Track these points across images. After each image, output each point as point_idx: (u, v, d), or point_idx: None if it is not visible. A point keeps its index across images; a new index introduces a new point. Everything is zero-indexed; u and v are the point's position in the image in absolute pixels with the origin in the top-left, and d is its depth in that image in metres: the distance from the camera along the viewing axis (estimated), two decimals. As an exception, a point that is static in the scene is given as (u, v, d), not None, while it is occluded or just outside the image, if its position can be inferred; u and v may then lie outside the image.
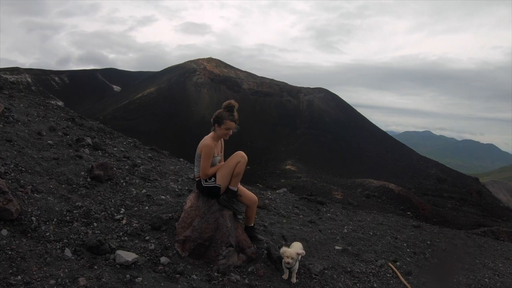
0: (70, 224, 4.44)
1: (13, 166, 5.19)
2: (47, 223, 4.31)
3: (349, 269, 5.39)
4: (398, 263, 6.04)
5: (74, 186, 5.37)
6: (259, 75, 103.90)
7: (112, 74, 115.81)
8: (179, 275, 4.10)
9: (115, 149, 8.34)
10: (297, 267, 4.65)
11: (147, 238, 4.63)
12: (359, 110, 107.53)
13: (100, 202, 5.18)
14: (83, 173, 5.82)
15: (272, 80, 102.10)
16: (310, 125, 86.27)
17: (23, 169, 5.26)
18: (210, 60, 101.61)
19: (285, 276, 4.66)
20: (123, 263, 3.91)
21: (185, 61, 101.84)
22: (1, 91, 9.94)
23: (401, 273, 5.65)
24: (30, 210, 4.36)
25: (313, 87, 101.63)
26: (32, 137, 6.81)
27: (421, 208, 36.19)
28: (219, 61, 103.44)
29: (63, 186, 5.27)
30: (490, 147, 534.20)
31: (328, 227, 7.29)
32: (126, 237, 4.52)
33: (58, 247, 3.95)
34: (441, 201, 50.87)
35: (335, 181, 47.91)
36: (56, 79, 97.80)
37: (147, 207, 5.35)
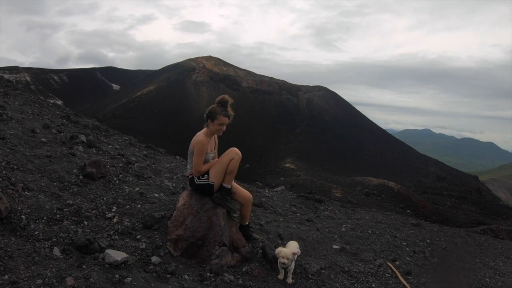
0: (60, 222, 4.33)
1: (4, 163, 5.08)
2: (37, 221, 4.20)
3: (347, 269, 5.26)
4: (397, 263, 5.91)
5: (66, 184, 5.25)
6: (258, 73, 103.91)
7: (111, 72, 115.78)
8: (170, 275, 3.98)
9: (110, 146, 8.23)
10: (293, 267, 4.52)
11: (138, 237, 4.51)
12: (359, 108, 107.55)
13: (91, 200, 5.06)
14: (75, 171, 5.70)
15: (271, 78, 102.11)
16: (309, 123, 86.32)
17: (15, 166, 5.15)
18: (209, 58, 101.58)
19: (281, 276, 4.54)
20: (112, 262, 3.80)
21: (185, 59, 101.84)
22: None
23: (400, 272, 5.53)
24: (20, 208, 4.26)
25: (313, 85, 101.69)
26: (25, 135, 6.71)
27: (420, 206, 36.20)
28: (219, 59, 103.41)
29: (55, 184, 5.15)
30: (489, 145, 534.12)
31: (325, 226, 7.17)
32: (116, 236, 4.41)
33: (46, 246, 3.85)
34: (441, 199, 50.93)
35: (335, 179, 47.93)
36: (55, 78, 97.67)
37: (139, 205, 5.22)
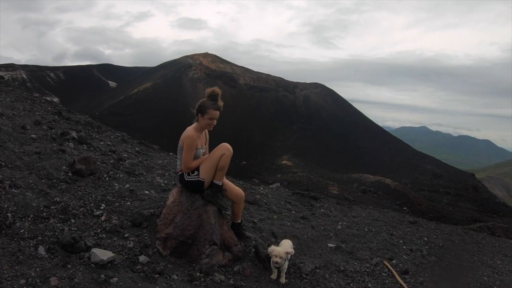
0: (46, 220, 4.20)
1: (-7, 160, 4.95)
2: (23, 219, 4.07)
3: (343, 268, 5.12)
4: (394, 261, 5.78)
5: (54, 181, 5.11)
6: (255, 71, 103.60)
7: (108, 69, 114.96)
8: (158, 275, 3.83)
9: (102, 143, 8.07)
10: (286, 266, 4.38)
11: (127, 235, 4.36)
12: (356, 105, 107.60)
13: (80, 197, 4.90)
14: (64, 168, 5.55)
15: (268, 75, 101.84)
16: (306, 121, 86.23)
17: (3, 163, 5.03)
18: (206, 55, 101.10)
19: (274, 276, 4.39)
20: (98, 262, 3.66)
21: (181, 56, 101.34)
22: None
23: (397, 272, 5.39)
24: (6, 206, 4.14)
25: (310, 83, 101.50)
26: (15, 131, 6.57)
27: (417, 203, 36.23)
28: (215, 56, 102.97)
29: (43, 181, 5.01)
30: (486, 143, 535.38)
31: (321, 224, 7.03)
32: (104, 234, 4.26)
33: (31, 244, 3.72)
34: (437, 196, 51.03)
35: (331, 176, 47.88)
36: (51, 75, 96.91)
37: (128, 203, 5.07)
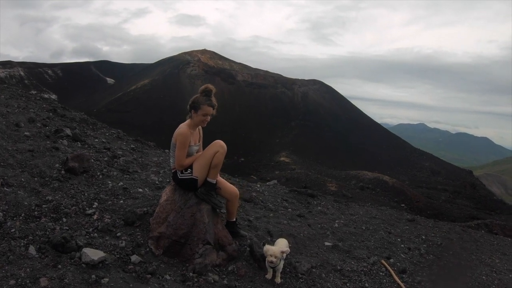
0: (37, 219, 4.11)
1: (-15, 159, 4.86)
2: (14, 218, 3.98)
3: (339, 267, 5.03)
4: (391, 260, 5.69)
5: (46, 179, 5.01)
6: (253, 67, 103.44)
7: (106, 66, 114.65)
8: (150, 275, 3.74)
9: (96, 140, 7.98)
10: (281, 266, 4.28)
11: (119, 234, 4.26)
12: (354, 102, 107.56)
13: (72, 196, 4.81)
14: (57, 165, 5.46)
15: (266, 72, 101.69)
16: (304, 117, 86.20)
17: (-5, 162, 4.93)
18: (204, 51, 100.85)
19: (269, 275, 4.30)
20: (88, 262, 3.57)
21: (179, 53, 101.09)
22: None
23: (394, 271, 5.31)
24: (-3, 204, 4.04)
25: (308, 79, 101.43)
26: (9, 129, 6.49)
27: (415, 200, 36.22)
28: (214, 52, 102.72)
29: (36, 179, 4.92)
30: (484, 140, 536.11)
31: (318, 222, 6.94)
32: (96, 234, 4.17)
33: (22, 244, 3.63)
34: (435, 193, 51.11)
35: (330, 173, 47.87)
36: (49, 72, 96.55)
37: (121, 201, 4.96)
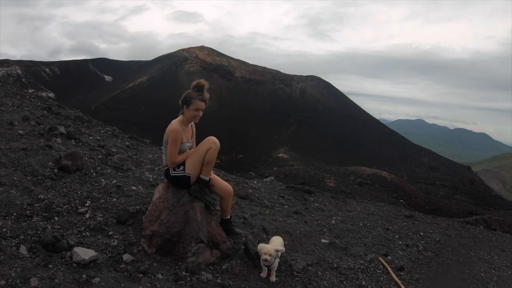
0: (29, 218, 4.04)
1: (-23, 158, 4.78)
2: (6, 218, 3.91)
3: (336, 265, 4.96)
4: (389, 257, 5.63)
5: (39, 177, 4.93)
6: (251, 64, 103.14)
7: (103, 64, 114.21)
8: (142, 275, 3.67)
9: (91, 138, 7.89)
10: (276, 264, 4.20)
11: (111, 233, 4.18)
12: (352, 98, 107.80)
13: (64, 194, 4.72)
14: (50, 164, 5.38)
15: (264, 68, 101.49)
16: (303, 113, 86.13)
17: (-12, 161, 4.84)
18: (202, 48, 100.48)
19: (264, 274, 4.22)
20: (79, 261, 3.50)
21: (177, 49, 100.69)
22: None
23: (392, 268, 5.25)
24: (-11, 204, 3.96)
25: (306, 75, 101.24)
26: (3, 127, 6.42)
27: (413, 196, 36.20)
28: (211, 49, 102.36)
29: (28, 178, 4.84)
30: (482, 136, 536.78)
31: (314, 218, 6.87)
32: (88, 232, 4.09)
33: (13, 244, 3.57)
34: (434, 189, 51.16)
35: (328, 169, 47.80)
36: (46, 70, 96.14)
37: (114, 199, 4.88)
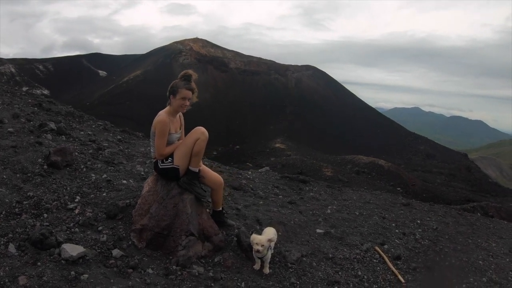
0: (18, 216, 3.99)
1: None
2: (-5, 217, 3.82)
3: (331, 255, 4.89)
4: (386, 246, 5.56)
5: (29, 175, 4.85)
6: (246, 54, 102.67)
7: (97, 59, 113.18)
8: (132, 270, 3.60)
9: (82, 133, 7.78)
10: (269, 255, 4.12)
11: (100, 228, 4.11)
12: (348, 87, 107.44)
13: (54, 190, 4.64)
14: (40, 160, 5.28)
15: (259, 58, 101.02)
16: (299, 103, 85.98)
17: (-23, 160, 4.76)
18: (196, 40, 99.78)
19: (257, 266, 4.15)
20: (68, 258, 3.44)
21: (171, 42, 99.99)
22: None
23: (389, 257, 5.18)
24: (-22, 203, 3.90)
25: (301, 65, 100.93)
26: (-8, 126, 6.28)
27: (411, 183, 36.23)
28: (206, 41, 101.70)
29: (18, 175, 4.76)
30: (478, 123, 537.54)
31: (309, 208, 6.79)
32: (77, 228, 4.01)
33: (2, 242, 3.54)
34: (431, 176, 51.27)
35: (325, 158, 47.70)
36: (40, 67, 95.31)
37: (104, 194, 4.78)
